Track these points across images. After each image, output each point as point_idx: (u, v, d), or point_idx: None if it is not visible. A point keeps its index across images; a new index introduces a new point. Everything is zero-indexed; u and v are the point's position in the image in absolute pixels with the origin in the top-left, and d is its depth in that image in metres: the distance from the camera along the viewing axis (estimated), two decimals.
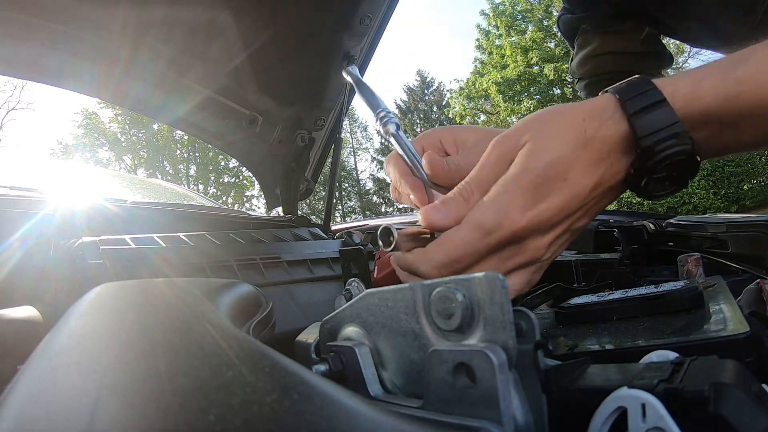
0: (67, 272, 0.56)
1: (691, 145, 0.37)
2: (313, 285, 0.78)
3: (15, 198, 0.75)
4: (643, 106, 0.37)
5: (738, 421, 0.19)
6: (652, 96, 0.37)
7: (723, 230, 0.81)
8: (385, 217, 1.57)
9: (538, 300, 0.63)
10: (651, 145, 0.36)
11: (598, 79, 0.91)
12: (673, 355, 0.28)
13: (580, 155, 0.37)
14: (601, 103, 0.40)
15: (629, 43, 0.87)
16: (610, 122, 0.38)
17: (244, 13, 0.96)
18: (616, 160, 0.38)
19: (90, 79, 1.03)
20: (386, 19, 1.06)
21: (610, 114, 0.38)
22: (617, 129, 0.38)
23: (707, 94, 0.37)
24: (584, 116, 0.39)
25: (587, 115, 0.39)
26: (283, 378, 0.18)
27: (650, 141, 0.36)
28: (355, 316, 0.33)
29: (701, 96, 0.37)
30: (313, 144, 1.26)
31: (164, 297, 0.28)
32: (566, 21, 0.96)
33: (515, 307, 0.26)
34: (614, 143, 0.38)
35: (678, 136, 0.36)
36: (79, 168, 2.78)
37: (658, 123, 0.36)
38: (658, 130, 0.36)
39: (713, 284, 0.53)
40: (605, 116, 0.38)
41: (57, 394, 0.16)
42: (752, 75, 0.36)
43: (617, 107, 0.38)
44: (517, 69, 14.43)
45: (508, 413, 0.22)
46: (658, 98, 0.37)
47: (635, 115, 0.37)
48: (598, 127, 0.38)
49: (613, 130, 0.38)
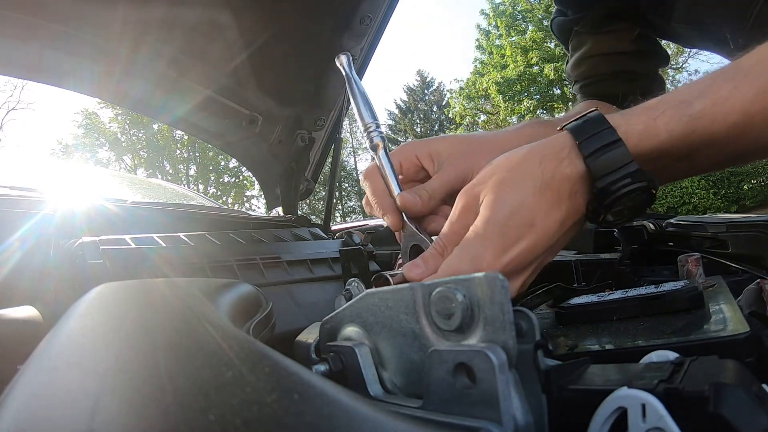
0: (67, 272, 0.56)
1: (646, 182, 0.38)
2: (313, 285, 0.78)
3: (15, 198, 0.75)
4: (597, 147, 0.38)
5: (738, 421, 0.19)
6: (606, 136, 0.38)
7: (723, 230, 0.81)
8: None
9: (538, 300, 0.63)
10: (606, 186, 0.38)
11: (593, 80, 0.92)
12: (673, 355, 0.28)
13: (541, 198, 0.39)
14: (558, 142, 0.41)
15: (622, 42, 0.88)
16: (566, 162, 0.39)
17: (244, 13, 0.96)
18: (575, 199, 0.40)
19: (90, 79, 1.04)
20: (386, 19, 1.06)
21: (566, 153, 0.40)
22: (574, 169, 0.39)
23: (661, 132, 0.38)
24: (540, 158, 0.40)
25: (543, 156, 0.40)
26: (283, 378, 0.18)
27: (605, 182, 0.38)
28: (355, 316, 0.33)
29: (655, 134, 0.38)
30: (313, 144, 1.26)
31: (164, 297, 0.28)
32: (559, 23, 0.97)
33: (515, 307, 0.26)
34: (572, 183, 0.39)
35: (633, 175, 0.37)
36: (79, 168, 2.78)
37: (613, 164, 0.37)
38: (613, 171, 0.37)
39: (713, 284, 0.53)
40: (561, 156, 0.40)
41: (57, 394, 0.16)
42: (708, 110, 0.37)
43: (573, 147, 0.40)
44: (517, 69, 14.43)
45: (508, 413, 0.22)
46: (612, 138, 0.38)
47: (590, 156, 0.38)
48: (554, 168, 0.39)
49: (570, 170, 0.39)
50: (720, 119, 0.37)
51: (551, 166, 0.39)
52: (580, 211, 0.40)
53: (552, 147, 0.41)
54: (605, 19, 0.87)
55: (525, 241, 0.38)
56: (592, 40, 0.90)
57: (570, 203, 0.40)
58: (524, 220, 0.38)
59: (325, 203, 1.26)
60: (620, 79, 0.87)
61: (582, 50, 0.92)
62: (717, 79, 0.38)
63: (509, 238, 0.38)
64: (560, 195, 0.39)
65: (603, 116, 0.40)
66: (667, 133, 0.38)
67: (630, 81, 0.87)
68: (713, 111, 0.37)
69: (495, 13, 15.44)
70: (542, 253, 0.40)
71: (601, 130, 0.39)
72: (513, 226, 0.38)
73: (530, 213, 0.38)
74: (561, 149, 0.40)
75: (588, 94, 0.91)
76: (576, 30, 0.93)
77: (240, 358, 0.19)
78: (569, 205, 0.40)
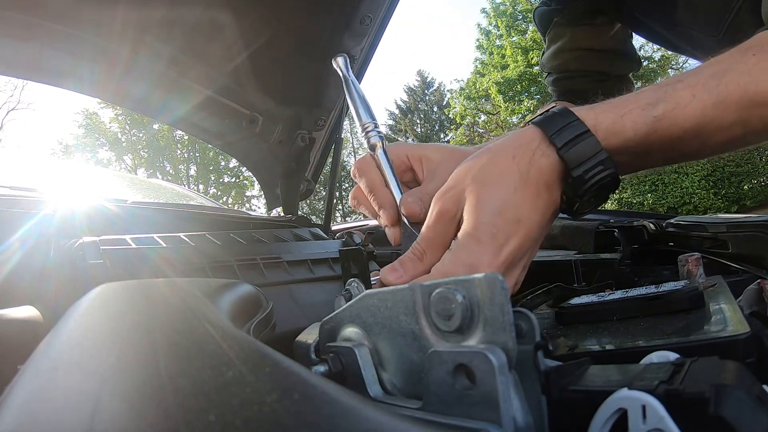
0: (67, 272, 0.56)
1: (614, 168, 0.40)
2: (313, 285, 0.78)
3: (15, 198, 0.75)
4: (569, 138, 0.40)
5: (739, 422, 0.19)
6: (576, 128, 0.40)
7: (723, 230, 0.81)
8: None
9: (538, 300, 0.63)
10: (581, 174, 0.39)
11: (566, 75, 0.94)
12: (674, 355, 0.28)
13: (523, 193, 0.40)
14: (526, 135, 0.42)
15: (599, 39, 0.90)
16: (538, 153, 0.41)
17: (244, 13, 0.96)
18: (552, 190, 0.41)
19: (90, 79, 1.04)
20: (386, 19, 1.06)
21: (537, 145, 0.41)
22: (547, 161, 0.40)
23: (626, 130, 0.40)
24: (513, 154, 0.41)
25: (515, 151, 0.41)
26: (283, 378, 0.18)
27: (580, 170, 0.39)
28: (354, 316, 0.33)
29: (621, 131, 0.41)
30: (314, 144, 1.26)
31: (165, 297, 0.28)
32: (541, 12, 0.99)
33: (515, 308, 0.26)
34: (548, 174, 0.41)
35: (604, 162, 0.39)
36: (79, 168, 2.78)
37: (585, 153, 0.39)
38: (587, 160, 0.39)
39: (713, 284, 0.53)
40: (532, 148, 0.41)
41: (57, 395, 0.16)
42: (669, 113, 0.40)
43: (543, 139, 0.41)
44: (518, 69, 14.41)
45: (508, 414, 0.22)
46: (582, 129, 0.40)
47: (563, 147, 0.40)
48: (529, 162, 0.40)
49: (545, 161, 0.40)
50: (679, 123, 0.40)
51: (525, 159, 0.40)
52: (556, 202, 0.42)
53: (521, 141, 0.42)
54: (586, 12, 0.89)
55: (516, 238, 0.39)
56: (569, 33, 0.92)
57: (548, 195, 0.41)
58: (511, 217, 0.39)
59: (325, 203, 1.26)
60: (591, 78, 0.90)
61: (559, 43, 0.94)
62: (679, 86, 0.41)
63: (500, 237, 0.39)
64: (538, 188, 0.40)
65: (568, 109, 0.42)
66: (632, 131, 0.40)
67: (600, 81, 0.89)
68: (674, 115, 0.40)
69: (495, 12, 15.43)
70: (530, 247, 0.41)
71: (570, 122, 0.41)
72: (502, 225, 0.39)
73: (515, 209, 0.39)
74: (530, 142, 0.41)
75: (560, 87, 0.94)
76: (556, 21, 0.94)
77: (240, 358, 0.19)
78: (547, 197, 0.41)
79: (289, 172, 1.27)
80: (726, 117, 0.40)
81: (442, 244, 0.42)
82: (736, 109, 0.40)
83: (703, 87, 0.40)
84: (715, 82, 0.40)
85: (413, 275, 0.42)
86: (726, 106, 0.40)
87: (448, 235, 0.42)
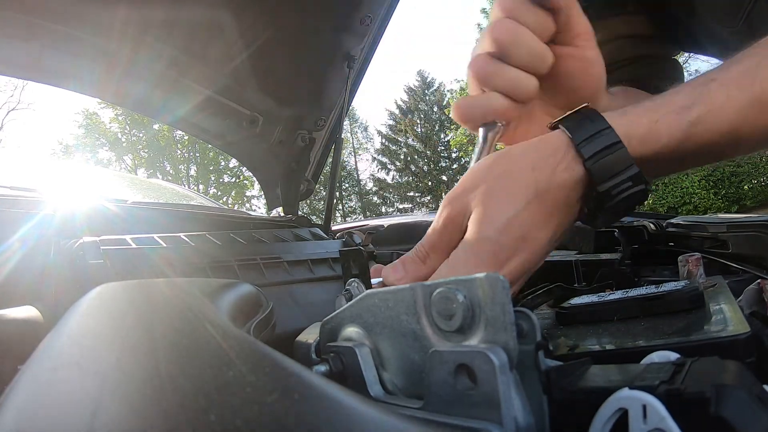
0: (67, 272, 0.56)
1: (645, 184, 0.37)
2: (313, 285, 0.78)
3: (15, 198, 0.75)
4: (598, 149, 0.36)
5: (739, 422, 0.19)
6: (607, 138, 0.36)
7: (723, 230, 0.81)
8: (385, 217, 1.57)
9: (539, 300, 0.63)
10: (608, 190, 0.36)
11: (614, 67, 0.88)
12: (674, 355, 0.28)
13: (535, 211, 0.37)
14: (553, 143, 0.38)
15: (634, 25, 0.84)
16: (562, 166, 0.37)
17: (244, 13, 0.96)
18: (570, 207, 0.38)
19: (90, 80, 1.04)
20: (387, 19, 1.06)
21: (562, 156, 0.37)
22: (571, 175, 0.37)
23: (662, 137, 0.37)
24: (534, 164, 0.37)
25: (536, 161, 0.37)
26: (283, 378, 0.18)
27: (607, 186, 0.36)
28: (355, 316, 0.33)
29: (656, 139, 0.37)
30: (314, 144, 1.26)
31: (165, 297, 0.28)
32: None
33: (516, 308, 0.26)
34: (569, 190, 0.37)
35: (634, 178, 0.36)
36: (79, 168, 2.78)
37: (614, 167, 0.36)
38: (615, 175, 0.36)
39: (714, 284, 0.53)
40: (557, 158, 0.37)
41: (57, 395, 0.16)
42: (704, 117, 0.37)
43: (569, 148, 0.37)
44: None
45: (509, 414, 0.22)
46: (613, 140, 0.36)
47: (591, 159, 0.36)
48: (550, 175, 0.37)
49: (567, 175, 0.37)
50: (715, 128, 0.37)
51: (546, 173, 0.37)
52: (572, 219, 0.39)
53: (546, 149, 0.38)
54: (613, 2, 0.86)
55: (518, 258, 0.37)
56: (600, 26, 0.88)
57: (564, 212, 0.38)
58: (517, 235, 0.36)
59: (325, 203, 1.26)
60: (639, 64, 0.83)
61: None
62: (713, 85, 0.38)
63: (502, 255, 0.37)
64: (555, 204, 0.37)
65: (599, 114, 0.38)
66: (667, 137, 0.37)
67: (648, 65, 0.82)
68: (709, 119, 0.37)
69: None
70: (535, 264, 0.39)
71: (600, 130, 0.37)
72: (505, 242, 0.36)
73: (523, 227, 0.36)
74: (556, 151, 0.38)
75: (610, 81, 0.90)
76: None
77: (240, 358, 0.19)
78: (562, 215, 0.38)
79: (289, 172, 1.28)
80: (762, 117, 0.37)
81: (446, 249, 0.40)
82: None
83: (737, 86, 0.37)
84: (749, 81, 0.37)
85: (414, 277, 0.40)
86: (762, 105, 0.37)
87: (453, 241, 0.40)
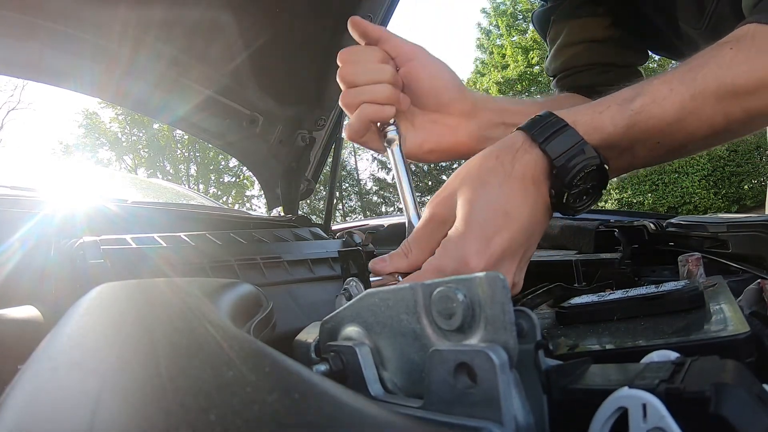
0: (67, 272, 0.56)
1: (599, 157, 0.41)
2: (313, 285, 0.78)
3: (15, 198, 0.75)
4: (549, 133, 0.41)
5: (739, 421, 0.19)
6: (555, 124, 0.42)
7: (723, 230, 0.81)
8: (385, 217, 1.57)
9: (539, 300, 0.63)
10: (564, 164, 0.41)
11: (569, 73, 0.90)
12: (674, 355, 0.28)
13: (509, 189, 0.41)
14: (511, 139, 0.44)
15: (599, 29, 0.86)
16: (521, 152, 0.42)
17: (244, 13, 0.96)
18: (539, 184, 0.42)
19: (90, 79, 1.04)
20: (386, 19, 1.06)
21: (520, 145, 0.42)
22: (531, 157, 0.42)
23: (607, 125, 0.42)
24: (497, 154, 0.43)
25: (499, 153, 0.43)
26: (283, 378, 0.18)
27: (563, 160, 0.40)
28: (355, 315, 0.33)
29: (601, 127, 0.42)
30: (314, 144, 1.26)
31: (165, 297, 0.28)
32: (539, 14, 0.96)
33: (516, 307, 0.26)
34: (533, 169, 0.42)
35: (586, 150, 0.41)
36: (79, 168, 2.78)
37: (566, 144, 0.41)
38: (568, 149, 0.41)
39: (714, 284, 0.53)
40: (515, 148, 0.42)
41: (58, 395, 0.16)
42: (646, 106, 0.41)
43: (526, 139, 0.42)
44: (518, 69, 14.42)
45: (509, 413, 0.22)
46: (561, 124, 0.42)
47: (544, 141, 0.41)
48: (512, 160, 0.42)
49: (528, 158, 0.42)
50: (657, 115, 0.41)
51: (509, 158, 0.42)
52: (545, 198, 0.43)
53: (505, 143, 0.44)
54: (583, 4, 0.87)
55: (505, 231, 0.40)
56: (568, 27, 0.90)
57: (535, 189, 0.42)
58: (499, 210, 0.40)
59: (325, 203, 1.26)
60: (596, 71, 0.87)
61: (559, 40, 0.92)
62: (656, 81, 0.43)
63: (489, 230, 0.40)
64: (525, 183, 0.41)
65: (549, 111, 0.44)
66: (612, 126, 0.42)
67: (605, 72, 0.86)
68: (652, 108, 0.41)
69: (496, 12, 15.45)
70: (524, 242, 0.42)
71: (548, 121, 0.42)
72: (490, 218, 0.40)
73: (503, 203, 0.40)
74: (514, 142, 0.43)
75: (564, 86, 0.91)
76: (553, 18, 0.92)
77: (240, 357, 0.19)
78: (535, 192, 0.42)
79: (290, 172, 1.28)
80: (705, 109, 0.41)
81: (429, 245, 0.43)
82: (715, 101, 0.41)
83: (680, 81, 0.41)
84: (692, 76, 0.41)
85: (396, 267, 0.44)
86: (704, 97, 0.40)
87: (435, 238, 0.43)
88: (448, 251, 0.40)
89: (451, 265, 0.40)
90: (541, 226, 0.44)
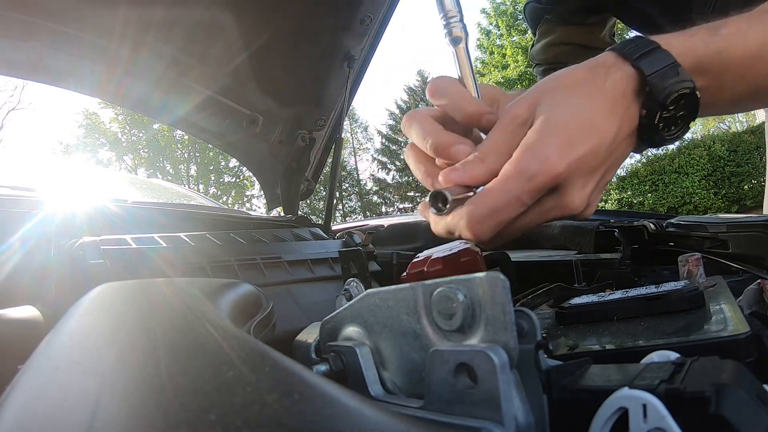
0: (67, 272, 0.56)
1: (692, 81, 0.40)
2: (313, 285, 0.78)
3: (15, 198, 0.75)
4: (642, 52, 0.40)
5: (739, 421, 0.19)
6: (648, 44, 0.41)
7: (723, 230, 0.81)
8: (385, 217, 1.57)
9: (539, 300, 0.63)
10: (658, 81, 0.39)
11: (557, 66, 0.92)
12: (674, 355, 0.28)
13: (598, 103, 0.39)
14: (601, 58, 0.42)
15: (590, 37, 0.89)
16: (613, 69, 0.41)
17: (244, 13, 0.96)
18: (629, 103, 0.40)
19: (90, 79, 1.04)
20: (387, 19, 1.06)
21: (612, 63, 0.41)
22: (624, 74, 0.40)
23: (698, 47, 0.41)
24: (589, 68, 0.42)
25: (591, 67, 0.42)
26: (284, 378, 0.18)
27: (657, 77, 0.39)
28: (355, 316, 0.33)
29: (693, 48, 0.41)
30: (314, 144, 1.26)
31: (165, 297, 0.28)
32: (532, 9, 0.99)
33: (516, 307, 0.26)
34: (624, 86, 0.40)
35: (679, 72, 0.40)
36: (79, 168, 2.78)
37: (660, 62, 0.40)
38: (662, 68, 0.40)
39: (714, 284, 0.53)
40: (607, 65, 0.41)
41: (58, 394, 0.16)
42: (732, 35, 0.41)
43: (617, 57, 0.41)
44: (518, 69, 14.43)
45: (509, 414, 0.22)
46: (653, 45, 0.41)
47: (638, 59, 0.40)
48: (604, 76, 0.41)
49: (620, 75, 0.40)
50: (741, 46, 0.41)
51: (601, 72, 0.41)
52: (633, 120, 0.41)
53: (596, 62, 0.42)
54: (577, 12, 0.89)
55: (588, 141, 0.38)
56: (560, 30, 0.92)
57: (624, 108, 0.40)
58: (586, 120, 0.38)
59: (325, 203, 1.26)
60: None
61: (550, 37, 0.94)
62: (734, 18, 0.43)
63: (573, 135, 0.38)
64: (614, 99, 0.40)
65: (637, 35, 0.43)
66: (704, 47, 0.41)
67: None
68: (737, 38, 0.41)
69: (496, 12, 15.45)
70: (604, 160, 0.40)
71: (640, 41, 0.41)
72: (575, 126, 0.38)
73: (590, 114, 0.39)
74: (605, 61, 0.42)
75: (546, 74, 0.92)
76: (546, 18, 0.95)
77: (240, 357, 0.19)
78: (623, 111, 0.40)
79: (290, 172, 1.28)
80: None
81: (508, 148, 0.39)
82: None
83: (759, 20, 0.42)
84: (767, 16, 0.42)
85: (472, 176, 0.40)
86: None
87: (515, 141, 0.40)
88: (530, 150, 0.38)
89: (533, 165, 0.37)
90: (623, 149, 0.42)
